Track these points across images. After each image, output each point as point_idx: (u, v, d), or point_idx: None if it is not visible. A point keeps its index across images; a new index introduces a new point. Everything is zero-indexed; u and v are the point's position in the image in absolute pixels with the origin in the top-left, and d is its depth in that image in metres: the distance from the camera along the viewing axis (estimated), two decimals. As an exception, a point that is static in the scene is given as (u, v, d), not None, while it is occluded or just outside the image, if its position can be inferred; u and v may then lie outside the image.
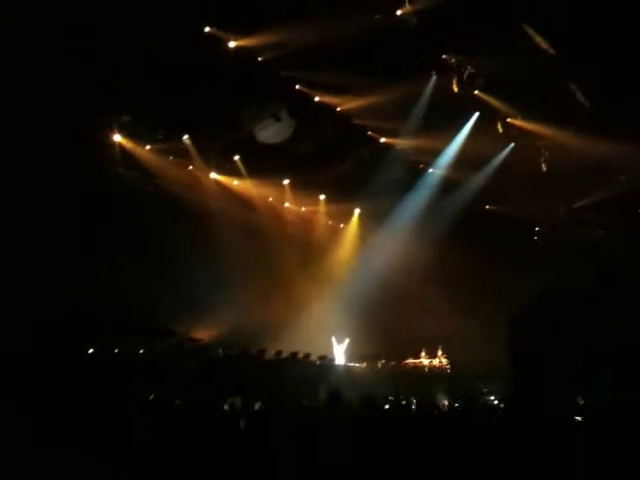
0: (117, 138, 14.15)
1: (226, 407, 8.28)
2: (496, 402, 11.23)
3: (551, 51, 11.18)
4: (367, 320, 16.43)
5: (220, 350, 12.75)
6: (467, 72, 12.48)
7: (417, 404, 9.66)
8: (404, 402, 10.40)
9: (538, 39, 10.90)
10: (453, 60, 12.42)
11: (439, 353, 17.08)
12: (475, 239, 16.35)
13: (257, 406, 8.51)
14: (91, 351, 11.31)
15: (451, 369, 16.84)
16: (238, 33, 12.30)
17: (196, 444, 6.43)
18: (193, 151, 15.21)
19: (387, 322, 16.73)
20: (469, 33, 11.36)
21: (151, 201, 14.75)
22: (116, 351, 12.08)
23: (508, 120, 14.21)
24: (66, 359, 9.80)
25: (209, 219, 15.80)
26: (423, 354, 17.14)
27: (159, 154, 14.93)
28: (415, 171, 16.94)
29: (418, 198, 17.20)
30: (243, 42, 12.41)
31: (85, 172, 13.04)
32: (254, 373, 11.91)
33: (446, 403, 10.67)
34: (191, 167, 15.78)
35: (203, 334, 14.16)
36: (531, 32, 10.83)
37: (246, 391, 9.09)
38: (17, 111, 11.03)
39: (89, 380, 9.07)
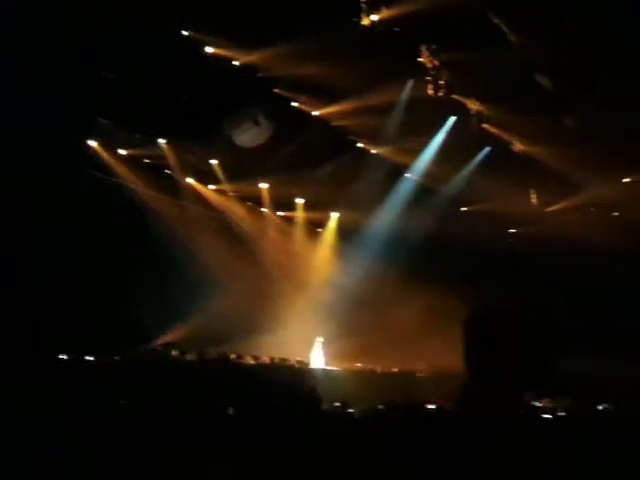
0: (93, 142, 14.06)
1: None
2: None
3: (530, 53, 11.35)
4: (345, 324, 16.44)
5: (195, 354, 12.66)
6: (443, 76, 12.56)
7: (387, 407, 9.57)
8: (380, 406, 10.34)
9: (516, 39, 11.02)
10: (429, 64, 12.48)
11: (415, 356, 17.05)
12: (451, 242, 16.45)
13: (231, 411, 8.40)
14: (64, 357, 11.17)
15: (427, 372, 16.84)
16: (215, 37, 12.28)
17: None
18: (170, 155, 15.12)
19: (365, 326, 16.72)
20: (444, 36, 11.47)
21: (126, 205, 14.65)
22: (90, 358, 11.94)
23: (483, 125, 14.35)
24: (38, 366, 9.67)
25: (186, 224, 15.75)
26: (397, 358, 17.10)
27: (135, 158, 14.82)
28: (393, 176, 16.97)
29: (396, 203, 17.26)
30: (220, 47, 12.39)
31: (60, 176, 12.93)
32: (232, 377, 11.84)
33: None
34: (167, 171, 15.68)
35: (178, 339, 14.06)
36: (508, 32, 10.95)
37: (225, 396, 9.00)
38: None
39: (60, 387, 8.94)
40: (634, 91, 11.63)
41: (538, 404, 9.26)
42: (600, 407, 8.16)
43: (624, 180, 15.49)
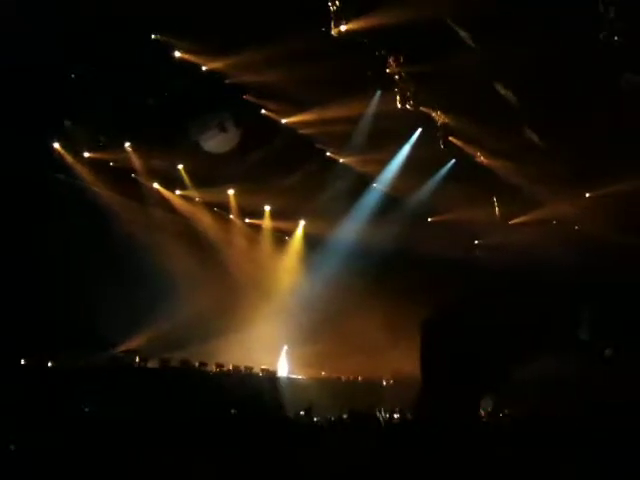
0: (56, 144, 13.83)
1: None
2: None
3: (496, 67, 11.58)
4: (310, 332, 16.45)
5: (157, 362, 12.51)
6: (411, 88, 12.71)
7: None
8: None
9: (482, 53, 11.21)
10: (397, 76, 12.62)
11: (380, 365, 17.18)
12: (417, 252, 16.63)
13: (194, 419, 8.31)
14: (23, 363, 10.93)
15: (391, 380, 16.98)
16: (185, 41, 12.22)
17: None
18: (135, 159, 14.95)
19: (330, 335, 16.76)
20: (412, 49, 11.62)
21: (90, 209, 14.43)
22: (50, 364, 11.71)
23: (450, 138, 14.55)
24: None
25: (150, 229, 15.57)
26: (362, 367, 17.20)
27: (100, 161, 14.62)
28: (360, 185, 17.09)
29: (362, 212, 17.38)
30: (189, 52, 12.33)
31: (22, 178, 12.71)
32: (195, 385, 11.72)
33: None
34: (133, 175, 15.50)
35: (140, 345, 13.87)
36: (474, 46, 11.13)
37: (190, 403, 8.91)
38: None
39: (21, 392, 8.75)
40: (597, 106, 11.96)
41: (495, 411, 9.41)
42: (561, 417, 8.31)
43: (587, 195, 15.89)
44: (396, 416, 10.63)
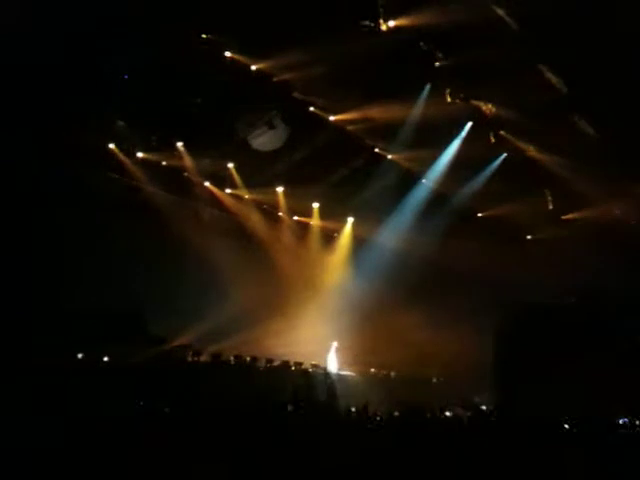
0: (111, 144, 14.16)
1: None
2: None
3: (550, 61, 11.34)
4: (359, 328, 16.43)
5: (209, 356, 12.72)
6: (460, 82, 12.56)
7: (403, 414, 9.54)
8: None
9: (535, 46, 11.00)
10: (446, 70, 12.47)
11: (427, 362, 17.04)
12: (466, 247, 16.40)
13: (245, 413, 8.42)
14: (80, 356, 11.26)
15: (442, 380, 16.81)
16: (234, 42, 12.36)
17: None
18: (187, 158, 15.18)
19: (379, 330, 16.71)
20: (462, 43, 11.47)
21: (142, 208, 14.73)
22: (106, 359, 12.03)
23: (501, 132, 14.30)
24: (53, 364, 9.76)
25: (201, 227, 15.82)
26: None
27: (152, 160, 14.91)
28: (408, 180, 16.96)
29: (410, 207, 17.23)
30: (239, 51, 12.45)
31: (76, 177, 13.08)
32: (247, 380, 11.86)
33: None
34: (185, 174, 15.75)
35: (191, 340, 14.12)
36: (527, 40, 10.94)
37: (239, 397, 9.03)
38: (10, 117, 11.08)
39: (80, 386, 9.00)
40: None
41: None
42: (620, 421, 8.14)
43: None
44: (448, 414, 10.51)
